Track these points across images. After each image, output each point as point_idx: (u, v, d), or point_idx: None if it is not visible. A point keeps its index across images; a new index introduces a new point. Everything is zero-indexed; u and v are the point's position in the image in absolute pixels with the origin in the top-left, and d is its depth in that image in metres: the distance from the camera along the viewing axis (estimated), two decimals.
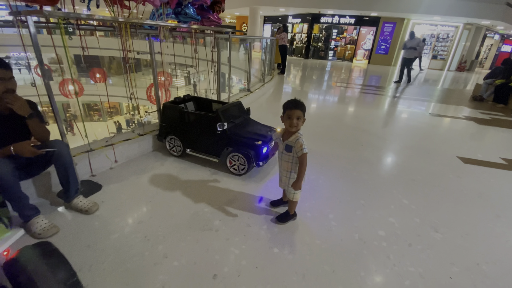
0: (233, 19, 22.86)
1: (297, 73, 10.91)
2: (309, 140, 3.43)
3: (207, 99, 3.02)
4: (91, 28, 2.15)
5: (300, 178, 1.71)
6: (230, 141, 2.40)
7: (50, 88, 1.78)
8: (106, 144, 2.55)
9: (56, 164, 1.80)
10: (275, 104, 5.62)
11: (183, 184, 2.30)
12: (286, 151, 1.75)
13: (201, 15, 3.18)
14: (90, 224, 1.80)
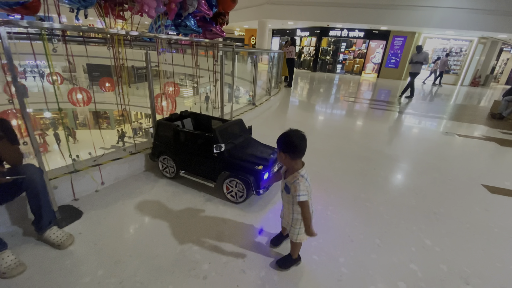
0: (242, 32, 23.14)
1: (304, 86, 10.73)
2: (316, 162, 3.18)
3: (206, 115, 2.80)
4: (79, 39, 1.99)
5: (307, 226, 1.44)
6: (228, 164, 2.15)
7: (24, 105, 1.58)
8: (94, 164, 2.33)
9: (27, 191, 1.58)
10: (281, 119, 5.39)
11: (172, 214, 2.05)
12: (286, 192, 1.48)
13: (204, 27, 3.02)
14: (60, 262, 1.55)
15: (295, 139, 1.36)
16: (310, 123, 5.17)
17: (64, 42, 1.88)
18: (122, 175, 2.48)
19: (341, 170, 3.02)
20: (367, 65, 16.02)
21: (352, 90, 10.29)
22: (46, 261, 1.55)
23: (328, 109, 6.73)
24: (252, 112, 4.78)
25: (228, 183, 2.17)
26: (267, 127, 4.59)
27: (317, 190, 2.53)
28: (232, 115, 4.13)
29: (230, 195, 2.21)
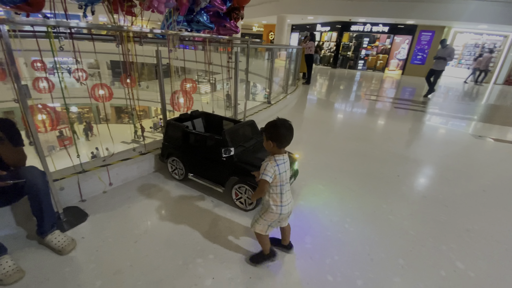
0: (260, 28, 22.86)
1: (323, 83, 10.37)
2: (333, 167, 2.98)
3: (217, 116, 2.68)
4: (87, 37, 1.92)
5: (253, 197, 1.56)
6: (237, 169, 2.02)
7: (27, 105, 1.53)
8: (102, 164, 2.29)
9: (28, 194, 1.53)
10: (297, 118, 5.18)
11: (178, 219, 1.95)
12: None
13: (217, 23, 2.88)
14: (59, 269, 1.49)
15: (283, 130, 1.38)
16: (328, 122, 4.92)
17: (71, 39, 1.82)
18: (130, 176, 2.42)
19: (360, 176, 2.79)
20: (391, 61, 15.25)
21: (374, 88, 9.80)
22: (45, 268, 1.50)
23: (348, 108, 6.41)
24: (267, 111, 4.61)
25: (237, 189, 2.04)
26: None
27: (334, 198, 2.34)
28: (246, 114, 3.99)
29: (239, 201, 2.08)
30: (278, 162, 1.39)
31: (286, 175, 1.43)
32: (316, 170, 2.85)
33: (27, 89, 1.50)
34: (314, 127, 4.55)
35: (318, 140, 3.79)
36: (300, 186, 2.47)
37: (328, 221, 2.03)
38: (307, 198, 2.30)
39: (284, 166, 1.42)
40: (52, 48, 1.73)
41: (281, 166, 1.40)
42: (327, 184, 2.58)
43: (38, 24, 1.60)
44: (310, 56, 8.41)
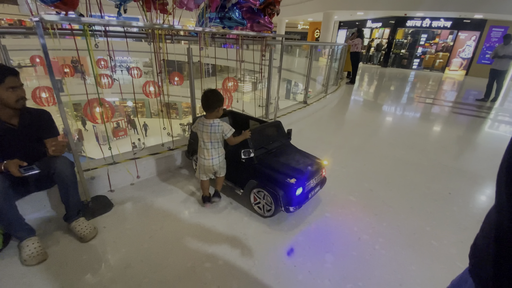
0: (306, 25, 22.29)
1: (370, 83, 9.62)
2: (370, 177, 2.65)
3: (244, 115, 2.60)
4: (121, 35, 2.00)
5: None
6: (257, 172, 1.90)
7: (60, 99, 1.63)
8: (133, 157, 2.39)
9: (57, 183, 1.64)
10: (335, 120, 4.85)
11: (194, 218, 1.92)
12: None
13: (251, 19, 2.80)
14: (78, 256, 1.57)
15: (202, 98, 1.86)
16: (372, 126, 4.49)
17: (106, 37, 1.90)
18: (157, 170, 2.49)
19: (402, 190, 2.44)
20: (453, 60, 13.45)
21: (431, 90, 8.75)
22: (67, 253, 1.58)
23: (397, 111, 5.79)
24: (301, 112, 4.39)
25: (255, 193, 1.93)
26: (317, 129, 4.15)
27: (366, 213, 2.07)
28: (278, 115, 3.85)
29: (257, 206, 1.97)
30: (198, 123, 1.90)
31: (202, 136, 1.88)
32: (349, 179, 2.58)
33: (60, 84, 1.60)
34: (354, 130, 4.19)
35: (356, 145, 3.46)
36: (327, 195, 2.26)
37: (355, 239, 1.80)
38: (334, 211, 2.08)
39: (202, 128, 1.87)
40: (89, 47, 1.83)
41: (199, 127, 1.88)
42: (360, 196, 2.30)
43: (74, 22, 1.69)
44: (356, 54, 7.84)
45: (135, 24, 1.91)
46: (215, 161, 1.90)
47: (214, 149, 1.89)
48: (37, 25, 1.43)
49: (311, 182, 1.88)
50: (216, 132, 1.84)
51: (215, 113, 1.85)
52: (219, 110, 1.86)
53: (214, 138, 1.86)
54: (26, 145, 1.61)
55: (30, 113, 1.66)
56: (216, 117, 1.88)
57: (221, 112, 1.89)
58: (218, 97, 1.84)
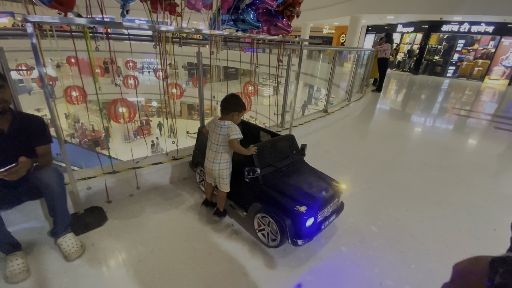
0: (331, 30, 21.72)
1: (399, 91, 9.00)
2: (396, 204, 2.23)
3: (255, 125, 2.37)
4: (124, 37, 1.87)
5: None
6: (262, 195, 1.67)
7: (51, 106, 1.51)
8: (134, 166, 2.25)
9: (44, 195, 1.51)
10: (358, 131, 4.47)
11: (190, 241, 1.71)
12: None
13: (268, 21, 2.59)
14: (59, 278, 1.42)
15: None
16: (399, 141, 4.06)
17: (107, 39, 1.78)
18: (159, 181, 2.33)
19: (435, 222, 2.08)
20: (494, 68, 12.31)
21: (467, 100, 7.99)
22: (50, 272, 1.45)
23: (429, 123, 5.27)
24: (320, 121, 4.09)
25: (259, 218, 1.69)
26: (337, 141, 3.83)
27: (390, 250, 1.75)
28: (295, 124, 3.59)
29: (261, 233, 1.72)
30: (212, 121, 1.80)
31: (211, 136, 1.78)
32: (372, 203, 2.26)
33: (52, 90, 1.48)
34: (380, 144, 3.80)
35: (382, 161, 3.10)
36: (344, 223, 1.96)
37: (376, 284, 1.49)
38: (352, 244, 1.78)
39: (213, 127, 1.76)
40: (88, 48, 1.71)
41: (211, 125, 1.79)
42: (384, 226, 1.98)
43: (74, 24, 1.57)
44: (384, 60, 7.35)
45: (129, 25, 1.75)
46: (215, 166, 1.76)
47: (218, 153, 1.75)
48: (27, 26, 1.32)
49: (325, 210, 1.60)
50: (224, 134, 1.69)
51: (229, 117, 1.74)
52: (233, 116, 1.74)
53: (221, 140, 1.72)
54: (14, 151, 1.50)
55: (22, 118, 1.56)
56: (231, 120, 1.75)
57: (236, 119, 1.75)
58: (236, 102, 1.75)
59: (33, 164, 1.40)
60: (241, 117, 1.80)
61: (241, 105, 1.75)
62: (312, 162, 2.03)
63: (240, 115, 1.77)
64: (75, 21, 1.45)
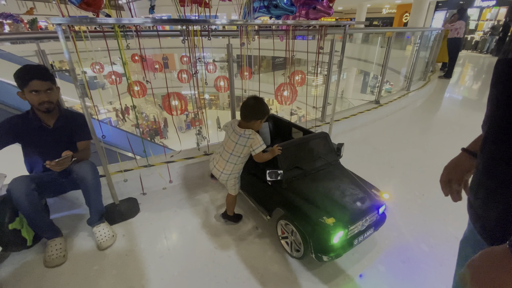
0: (393, 9, 19.37)
1: (475, 78, 7.54)
2: (454, 216, 1.75)
3: (286, 121, 2.19)
4: (153, 34, 1.87)
5: None
6: (285, 200, 1.51)
7: (85, 105, 1.60)
8: (169, 160, 2.32)
9: (81, 187, 1.63)
10: (416, 126, 3.85)
11: (212, 242, 1.67)
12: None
13: (306, 4, 2.32)
14: (89, 266, 1.52)
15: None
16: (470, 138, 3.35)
17: (137, 36, 1.80)
18: (190, 175, 2.35)
19: None
20: None
21: None
22: (82, 260, 1.57)
23: None
24: (370, 114, 3.64)
25: (283, 225, 1.54)
26: (389, 137, 3.35)
27: (444, 275, 1.42)
28: (338, 118, 3.26)
29: (284, 241, 1.58)
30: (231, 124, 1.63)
31: (226, 142, 1.62)
32: (425, 217, 1.88)
33: (83, 88, 1.56)
34: (444, 141, 3.18)
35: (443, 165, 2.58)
36: (386, 237, 1.67)
37: None
38: (393, 263, 1.49)
39: (230, 133, 1.59)
40: (120, 47, 1.76)
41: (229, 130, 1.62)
42: (439, 245, 1.62)
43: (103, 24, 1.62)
44: (456, 40, 6.18)
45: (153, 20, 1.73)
46: (223, 176, 1.63)
47: (229, 163, 1.59)
48: (57, 28, 1.38)
49: (359, 224, 1.36)
50: (243, 145, 1.53)
51: (250, 124, 1.55)
52: (255, 123, 1.55)
53: (237, 150, 1.55)
54: (58, 146, 1.64)
55: (66, 115, 1.69)
56: (251, 128, 1.56)
57: (258, 126, 1.57)
58: (260, 108, 1.53)
59: (73, 158, 1.50)
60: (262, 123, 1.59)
61: (265, 111, 1.55)
62: (354, 162, 1.79)
63: (262, 121, 1.58)
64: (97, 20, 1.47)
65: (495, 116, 0.51)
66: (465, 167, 0.82)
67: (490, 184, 0.53)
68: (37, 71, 1.48)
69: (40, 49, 1.68)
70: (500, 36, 11.66)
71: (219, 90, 2.91)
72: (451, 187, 0.86)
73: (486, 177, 0.54)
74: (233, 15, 2.55)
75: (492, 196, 0.52)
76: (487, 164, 0.53)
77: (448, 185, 0.87)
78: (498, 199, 0.51)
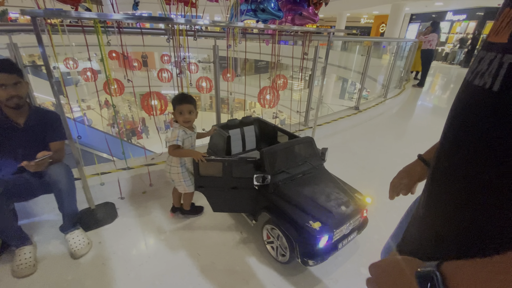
0: (370, 19, 20.29)
1: (446, 87, 8.07)
2: None
3: (272, 125, 2.20)
4: (137, 31, 1.80)
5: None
6: (271, 204, 1.50)
7: (60, 102, 1.49)
8: (150, 163, 2.23)
9: (54, 191, 1.52)
10: (393, 132, 4.03)
11: (194, 247, 1.62)
12: None
13: (292, 10, 2.36)
14: (63, 276, 1.42)
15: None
16: None
17: (119, 33, 1.72)
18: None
19: None
20: None
21: None
22: (55, 269, 1.46)
23: None
24: (351, 120, 3.76)
25: (269, 230, 1.53)
26: (368, 142, 3.47)
27: None
28: (320, 122, 3.33)
29: (270, 246, 1.57)
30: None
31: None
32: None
33: (59, 85, 1.46)
34: (419, 146, 3.34)
35: None
36: (367, 240, 1.71)
37: None
38: None
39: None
40: (100, 43, 1.67)
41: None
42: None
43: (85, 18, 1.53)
44: (429, 51, 6.58)
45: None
46: (166, 168, 1.69)
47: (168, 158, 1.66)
48: (33, 21, 1.29)
49: (344, 228, 1.39)
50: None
51: (175, 116, 1.57)
52: (175, 115, 1.56)
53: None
54: (29, 146, 1.52)
55: (38, 113, 1.57)
56: (176, 121, 1.58)
57: (179, 118, 1.55)
58: (174, 101, 1.55)
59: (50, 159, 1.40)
60: (183, 116, 1.53)
61: (175, 100, 1.54)
62: (335, 166, 1.81)
63: (175, 114, 1.55)
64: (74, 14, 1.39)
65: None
66: (417, 175, 0.83)
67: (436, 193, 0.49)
68: (2, 65, 1.36)
69: (12, 42, 1.55)
70: (468, 49, 12.59)
71: (201, 91, 2.87)
72: (398, 192, 0.88)
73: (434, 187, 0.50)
74: (217, 17, 2.52)
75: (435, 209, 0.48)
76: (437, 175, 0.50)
77: (397, 189, 0.88)
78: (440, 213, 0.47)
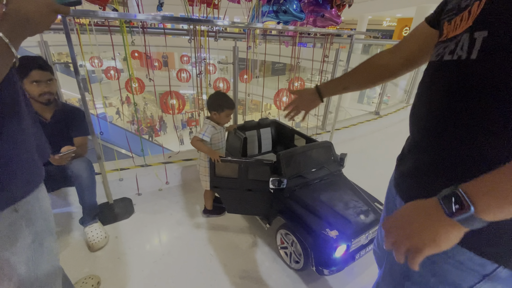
0: (393, 22, 19.70)
1: None
2: None
3: (289, 128, 2.16)
4: (160, 31, 1.84)
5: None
6: (286, 209, 1.47)
7: (85, 99, 1.55)
8: (167, 161, 2.26)
9: (75, 185, 1.57)
10: None
11: (209, 248, 1.62)
12: None
13: (314, 12, 2.32)
14: (80, 268, 1.46)
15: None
16: None
17: (143, 33, 1.76)
18: (188, 177, 2.30)
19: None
20: None
21: None
22: (72, 260, 1.50)
23: None
24: (370, 125, 3.64)
25: (283, 235, 1.50)
26: (388, 149, 3.35)
27: None
28: (338, 127, 3.25)
29: (283, 251, 1.54)
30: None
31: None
32: None
33: (85, 83, 1.51)
34: None
35: None
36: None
37: None
38: None
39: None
40: (125, 42, 1.71)
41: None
42: None
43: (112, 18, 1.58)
44: None
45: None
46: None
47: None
48: (63, 21, 1.34)
49: (362, 238, 1.33)
50: None
51: (211, 116, 1.64)
52: (213, 115, 1.61)
53: None
54: (54, 140, 1.57)
55: (64, 109, 1.63)
56: (212, 120, 1.64)
57: (217, 118, 1.62)
58: (214, 101, 1.61)
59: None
60: (227, 118, 1.63)
61: (216, 104, 1.59)
62: (353, 173, 1.76)
63: (220, 115, 1.60)
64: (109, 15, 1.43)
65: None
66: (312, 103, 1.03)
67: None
68: (34, 62, 1.42)
69: (43, 40, 1.63)
70: None
71: (216, 89, 2.91)
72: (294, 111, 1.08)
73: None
74: (236, 18, 2.53)
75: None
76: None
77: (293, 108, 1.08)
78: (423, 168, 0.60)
